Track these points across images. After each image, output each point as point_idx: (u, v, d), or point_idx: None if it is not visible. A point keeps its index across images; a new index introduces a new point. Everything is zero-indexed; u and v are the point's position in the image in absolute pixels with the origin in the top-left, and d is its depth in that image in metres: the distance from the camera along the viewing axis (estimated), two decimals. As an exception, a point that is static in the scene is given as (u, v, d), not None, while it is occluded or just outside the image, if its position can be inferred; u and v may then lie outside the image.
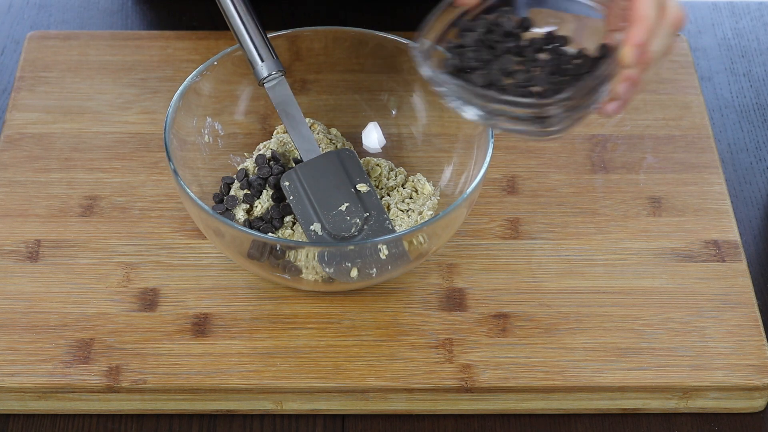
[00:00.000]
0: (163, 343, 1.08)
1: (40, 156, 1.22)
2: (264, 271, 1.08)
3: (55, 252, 1.14)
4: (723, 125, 1.31)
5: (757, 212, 1.23)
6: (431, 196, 1.15)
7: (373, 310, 1.11)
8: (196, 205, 1.05)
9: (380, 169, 1.16)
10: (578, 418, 1.08)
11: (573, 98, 0.97)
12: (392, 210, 1.13)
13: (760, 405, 1.09)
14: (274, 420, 1.08)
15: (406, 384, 1.06)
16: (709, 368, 1.07)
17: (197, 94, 1.14)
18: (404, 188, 1.15)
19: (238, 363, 1.07)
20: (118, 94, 1.27)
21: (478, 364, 1.07)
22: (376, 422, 1.08)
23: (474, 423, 1.08)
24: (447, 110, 1.15)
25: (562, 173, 1.21)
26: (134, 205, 1.18)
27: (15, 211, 1.17)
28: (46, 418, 1.08)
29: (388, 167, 1.17)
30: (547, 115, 0.98)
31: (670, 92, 1.29)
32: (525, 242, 1.16)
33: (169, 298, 1.11)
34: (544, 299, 1.12)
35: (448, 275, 1.13)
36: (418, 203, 1.14)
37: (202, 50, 1.30)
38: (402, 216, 1.12)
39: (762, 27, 1.41)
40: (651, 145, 1.24)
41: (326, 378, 1.07)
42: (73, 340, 1.08)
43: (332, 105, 1.22)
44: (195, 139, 1.15)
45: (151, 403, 1.07)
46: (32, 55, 1.30)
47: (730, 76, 1.35)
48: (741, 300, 1.12)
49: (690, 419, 1.08)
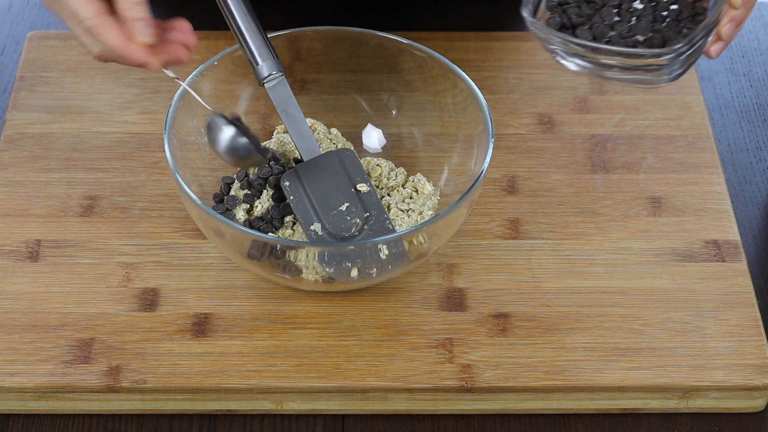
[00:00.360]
0: (163, 343, 1.08)
1: (40, 156, 1.22)
2: (264, 271, 1.08)
3: (55, 252, 1.14)
4: (723, 125, 1.31)
5: (757, 212, 1.23)
6: (431, 196, 1.15)
7: (373, 310, 1.11)
8: (196, 205, 1.05)
9: (380, 169, 1.16)
10: (578, 418, 1.08)
11: (687, 45, 1.02)
12: (392, 210, 1.13)
13: (760, 405, 1.09)
14: (274, 420, 1.08)
15: (406, 384, 1.06)
16: (709, 368, 1.07)
17: (198, 93, 1.14)
18: (404, 188, 1.15)
19: (238, 363, 1.07)
20: (118, 94, 1.27)
21: (478, 364, 1.07)
22: (376, 422, 1.08)
23: (474, 423, 1.08)
24: (447, 110, 1.16)
25: (562, 173, 1.21)
26: (134, 205, 1.18)
27: (15, 211, 1.17)
28: (46, 418, 1.08)
29: (389, 167, 1.17)
30: (660, 64, 1.01)
31: (670, 92, 1.29)
32: (525, 242, 1.16)
33: (169, 298, 1.11)
34: (544, 299, 1.12)
35: (448, 275, 1.13)
36: (419, 203, 1.14)
37: (202, 50, 1.30)
38: (402, 216, 1.12)
39: (762, 27, 1.41)
40: (651, 145, 1.24)
41: (326, 378, 1.07)
42: (73, 340, 1.08)
43: (332, 105, 1.22)
44: (195, 138, 1.15)
45: (151, 403, 1.07)
46: (32, 55, 1.30)
47: (730, 76, 1.35)
48: (741, 300, 1.12)
49: (690, 419, 1.08)
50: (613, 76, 1.05)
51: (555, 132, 1.25)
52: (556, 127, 1.25)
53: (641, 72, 1.05)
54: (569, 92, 1.28)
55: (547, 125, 1.25)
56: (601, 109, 1.27)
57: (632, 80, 1.06)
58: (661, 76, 1.05)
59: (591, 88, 1.28)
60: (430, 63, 1.15)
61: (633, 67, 1.05)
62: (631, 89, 1.28)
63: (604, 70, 1.05)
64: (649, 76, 1.06)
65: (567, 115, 1.26)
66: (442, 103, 1.16)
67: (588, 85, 1.29)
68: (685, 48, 1.04)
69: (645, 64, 1.04)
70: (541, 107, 1.26)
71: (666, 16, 1.06)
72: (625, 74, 1.05)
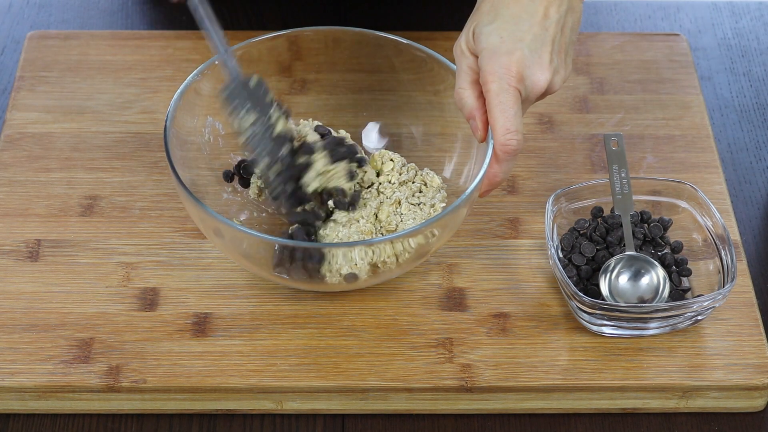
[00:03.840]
0: (163, 343, 1.08)
1: (40, 156, 1.22)
2: (265, 271, 1.07)
3: (55, 252, 1.14)
4: (723, 125, 1.31)
5: (757, 212, 1.23)
6: (441, 189, 1.14)
7: (373, 310, 1.11)
8: (197, 205, 1.05)
9: (393, 164, 1.16)
10: (578, 418, 1.08)
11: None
12: (404, 204, 1.13)
13: (760, 405, 1.09)
14: (274, 420, 1.08)
15: (406, 384, 1.06)
16: (709, 368, 1.07)
17: (198, 93, 1.14)
18: (414, 183, 1.15)
19: (238, 363, 1.07)
20: (118, 94, 1.27)
21: (478, 364, 1.07)
22: (376, 422, 1.08)
23: (474, 423, 1.08)
24: (447, 110, 1.16)
25: (562, 173, 1.21)
26: (134, 204, 1.18)
27: (15, 211, 1.17)
28: (46, 417, 1.08)
29: (401, 162, 1.16)
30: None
31: (670, 92, 1.29)
32: (525, 242, 1.16)
33: (169, 298, 1.11)
34: (543, 299, 1.12)
35: (448, 275, 1.13)
36: (428, 196, 1.14)
37: (202, 50, 1.30)
38: (414, 209, 1.12)
39: (762, 27, 1.41)
40: (651, 145, 1.24)
41: (326, 378, 1.07)
42: (73, 339, 1.08)
43: (332, 105, 1.22)
44: (195, 138, 1.15)
45: (151, 403, 1.07)
46: (32, 55, 1.30)
47: (730, 76, 1.35)
48: (741, 300, 1.12)
49: (690, 419, 1.08)
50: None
51: (555, 132, 1.25)
52: (556, 127, 1.25)
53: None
54: (569, 92, 1.28)
55: (547, 125, 1.25)
56: (601, 109, 1.27)
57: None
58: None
59: (591, 88, 1.28)
60: (430, 63, 1.15)
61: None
62: (631, 89, 1.28)
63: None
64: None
65: (567, 114, 1.26)
66: (442, 103, 1.16)
67: (588, 85, 1.29)
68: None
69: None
70: (541, 107, 1.26)
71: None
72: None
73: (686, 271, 1.11)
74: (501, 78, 1.04)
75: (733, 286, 1.06)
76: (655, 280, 1.09)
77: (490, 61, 1.04)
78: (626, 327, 1.08)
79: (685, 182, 1.14)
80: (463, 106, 1.07)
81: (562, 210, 1.14)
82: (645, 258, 1.09)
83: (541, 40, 1.05)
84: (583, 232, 1.13)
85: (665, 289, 1.09)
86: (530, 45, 1.05)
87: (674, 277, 1.10)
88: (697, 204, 1.13)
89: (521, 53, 1.04)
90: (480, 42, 1.05)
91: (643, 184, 1.15)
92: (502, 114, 1.04)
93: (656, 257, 1.11)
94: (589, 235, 1.12)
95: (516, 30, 1.05)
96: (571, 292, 1.06)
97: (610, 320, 1.07)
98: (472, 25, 1.07)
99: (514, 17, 1.05)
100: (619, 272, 1.09)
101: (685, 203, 1.14)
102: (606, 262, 1.10)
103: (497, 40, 1.05)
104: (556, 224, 1.13)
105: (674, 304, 1.06)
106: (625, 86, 1.29)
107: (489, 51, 1.05)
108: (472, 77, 1.07)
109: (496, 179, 1.07)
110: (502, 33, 1.05)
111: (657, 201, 1.15)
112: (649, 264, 1.09)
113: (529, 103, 1.07)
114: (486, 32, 1.05)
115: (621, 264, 1.10)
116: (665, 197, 1.15)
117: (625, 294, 1.09)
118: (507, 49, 1.04)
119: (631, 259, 1.10)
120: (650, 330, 1.08)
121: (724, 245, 1.10)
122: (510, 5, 1.06)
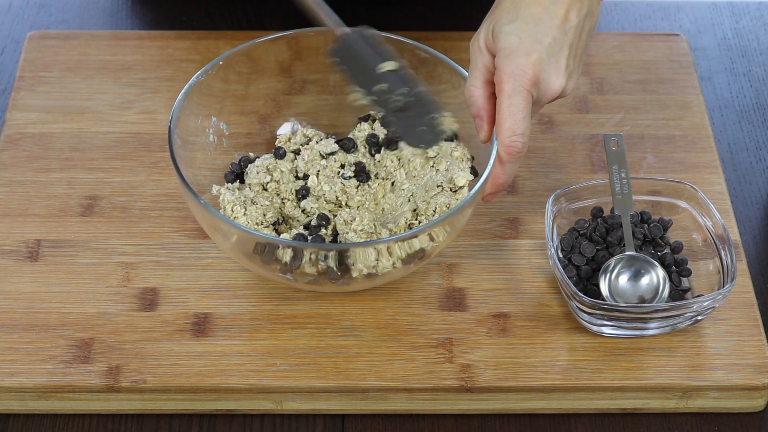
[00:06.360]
0: (163, 343, 1.08)
1: (40, 156, 1.22)
2: (265, 270, 1.08)
3: (55, 252, 1.14)
4: (723, 125, 1.31)
5: (757, 212, 1.23)
6: (464, 159, 1.13)
7: (373, 310, 1.11)
8: (200, 205, 1.05)
9: None
10: (578, 418, 1.08)
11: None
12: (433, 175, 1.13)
13: (760, 405, 1.09)
14: (274, 420, 1.08)
15: (406, 384, 1.06)
16: (709, 368, 1.07)
17: (202, 93, 1.14)
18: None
19: (238, 363, 1.07)
20: (118, 94, 1.27)
21: (478, 364, 1.07)
22: (376, 422, 1.08)
23: (474, 423, 1.08)
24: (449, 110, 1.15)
25: (562, 173, 1.21)
26: (134, 205, 1.18)
27: (15, 211, 1.17)
28: (46, 418, 1.08)
29: None
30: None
31: (670, 92, 1.29)
32: (525, 242, 1.16)
33: (169, 298, 1.11)
34: (543, 299, 1.12)
35: (448, 275, 1.13)
36: (457, 166, 1.13)
37: (202, 50, 1.30)
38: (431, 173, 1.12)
39: (762, 27, 1.41)
40: (651, 145, 1.24)
41: (326, 378, 1.07)
42: (73, 339, 1.08)
43: (332, 105, 1.22)
44: (199, 138, 1.14)
45: (151, 403, 1.07)
46: (32, 55, 1.30)
47: (730, 76, 1.35)
48: (741, 300, 1.12)
49: (690, 419, 1.08)
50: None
51: (555, 132, 1.25)
52: (556, 127, 1.25)
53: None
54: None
55: (547, 125, 1.25)
56: (601, 109, 1.27)
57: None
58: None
59: (591, 88, 1.28)
60: (430, 63, 1.15)
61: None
62: (631, 89, 1.29)
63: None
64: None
65: (567, 114, 1.26)
66: (442, 103, 1.16)
67: (588, 85, 1.29)
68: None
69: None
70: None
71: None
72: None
73: (686, 271, 1.11)
74: (516, 79, 1.03)
75: (733, 287, 1.06)
76: (655, 280, 1.09)
77: (507, 61, 1.04)
78: (626, 327, 1.08)
79: (685, 182, 1.14)
80: (472, 103, 1.07)
81: (562, 210, 1.14)
82: (645, 258, 1.10)
83: (560, 44, 1.05)
84: (583, 232, 1.13)
85: (665, 289, 1.09)
86: (549, 49, 1.04)
87: (674, 277, 1.10)
88: (697, 204, 1.14)
89: (539, 56, 1.04)
90: (499, 41, 1.05)
91: (643, 184, 1.15)
92: (511, 116, 1.04)
93: (656, 257, 1.11)
94: (589, 235, 1.12)
95: (536, 32, 1.04)
96: (571, 292, 1.06)
97: (610, 320, 1.07)
98: (491, 22, 1.07)
99: (535, 18, 1.05)
100: (619, 272, 1.09)
101: (685, 203, 1.14)
102: (606, 262, 1.10)
103: (516, 41, 1.04)
104: (556, 224, 1.13)
105: (674, 305, 1.06)
106: (625, 86, 1.29)
107: (507, 51, 1.04)
108: (486, 77, 1.07)
109: (498, 181, 1.06)
110: (522, 34, 1.04)
111: (657, 201, 1.15)
112: (649, 264, 1.09)
113: (540, 107, 1.07)
114: (505, 31, 1.05)
115: (621, 264, 1.10)
116: (665, 197, 1.15)
117: (625, 294, 1.09)
118: (525, 51, 1.04)
119: (631, 259, 1.10)
120: (650, 330, 1.08)
121: (724, 245, 1.10)
122: (531, 5, 1.05)
